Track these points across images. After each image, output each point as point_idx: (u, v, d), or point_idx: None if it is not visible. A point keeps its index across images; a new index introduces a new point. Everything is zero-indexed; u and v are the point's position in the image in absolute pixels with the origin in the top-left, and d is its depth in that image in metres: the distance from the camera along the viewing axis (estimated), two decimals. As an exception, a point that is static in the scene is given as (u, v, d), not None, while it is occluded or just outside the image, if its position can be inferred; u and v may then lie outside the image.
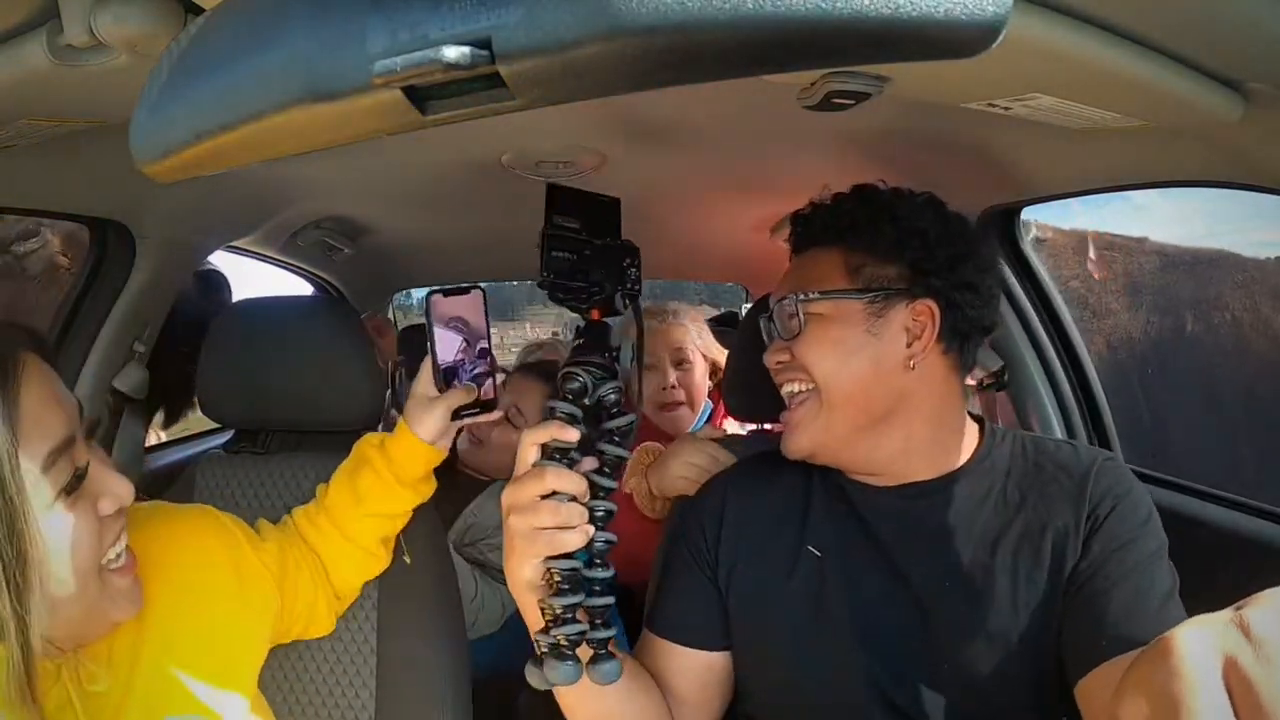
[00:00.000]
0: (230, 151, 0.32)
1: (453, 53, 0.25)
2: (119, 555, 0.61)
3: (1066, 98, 0.63)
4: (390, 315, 2.59)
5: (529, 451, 0.59)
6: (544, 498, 0.57)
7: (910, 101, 0.70)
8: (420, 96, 0.28)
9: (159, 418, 1.49)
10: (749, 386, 0.93)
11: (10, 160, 0.78)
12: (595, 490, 0.59)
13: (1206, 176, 0.77)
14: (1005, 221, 1.12)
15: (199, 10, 0.51)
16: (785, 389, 0.76)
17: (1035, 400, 1.18)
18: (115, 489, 0.60)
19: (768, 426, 1.11)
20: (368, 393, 0.97)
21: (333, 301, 0.90)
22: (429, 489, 0.85)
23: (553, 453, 0.58)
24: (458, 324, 0.79)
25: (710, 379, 1.62)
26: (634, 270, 0.66)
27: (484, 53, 0.25)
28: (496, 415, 0.83)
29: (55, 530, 0.56)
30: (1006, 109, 0.67)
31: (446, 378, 0.79)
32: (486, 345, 0.80)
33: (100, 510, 0.59)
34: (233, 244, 1.41)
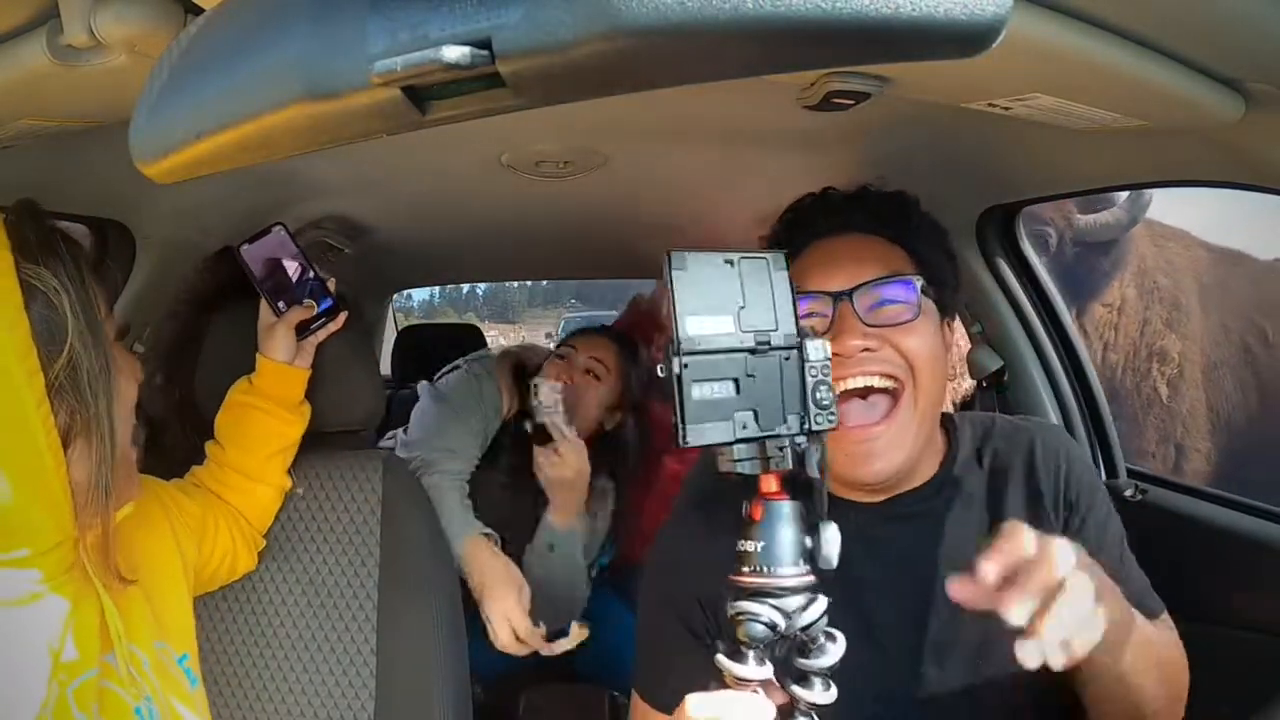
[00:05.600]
0: (230, 152, 0.32)
1: (453, 53, 0.25)
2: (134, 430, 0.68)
3: (1066, 98, 0.63)
4: (391, 315, 2.59)
5: None
6: None
7: (910, 101, 0.70)
8: (420, 96, 0.28)
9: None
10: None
11: (10, 160, 0.78)
12: None
13: (1206, 176, 0.77)
14: (1005, 221, 1.12)
15: (199, 10, 0.51)
16: (852, 383, 0.65)
17: (1035, 401, 1.18)
18: (134, 364, 0.68)
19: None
20: (368, 392, 0.97)
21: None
22: (308, 411, 0.91)
23: None
24: (274, 261, 0.90)
25: None
26: (825, 387, 0.45)
27: (484, 53, 0.25)
28: (342, 320, 0.91)
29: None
30: (1006, 109, 0.67)
31: (287, 306, 0.89)
32: (306, 267, 0.91)
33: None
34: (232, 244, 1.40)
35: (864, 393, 0.66)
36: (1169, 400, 2.31)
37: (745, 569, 0.42)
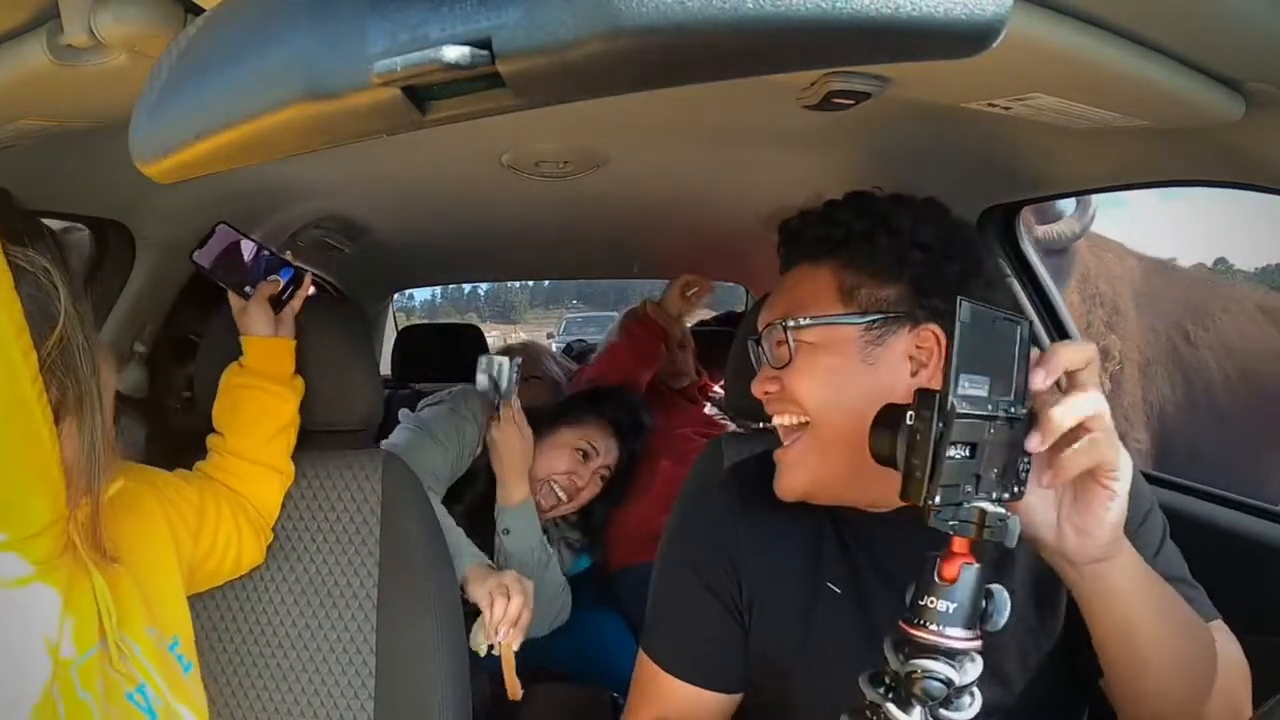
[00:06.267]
0: (230, 152, 0.32)
1: (453, 53, 0.25)
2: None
3: (1066, 98, 0.63)
4: (391, 315, 2.59)
5: None
6: None
7: (910, 101, 0.70)
8: (420, 96, 0.28)
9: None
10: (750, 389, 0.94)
11: (10, 160, 0.78)
12: None
13: (1206, 176, 0.77)
14: (1005, 221, 1.12)
15: (199, 10, 0.51)
16: (775, 421, 0.69)
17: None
18: (108, 349, 0.68)
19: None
20: (367, 392, 0.97)
21: (332, 301, 0.91)
22: (301, 385, 0.92)
23: None
24: (228, 256, 0.94)
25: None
26: (1027, 460, 0.48)
27: (484, 53, 0.25)
28: (308, 282, 0.94)
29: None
30: (1006, 109, 0.67)
31: (253, 288, 0.92)
32: (259, 250, 0.95)
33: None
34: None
35: (780, 428, 0.70)
36: (1111, 395, 2.56)
37: (929, 625, 0.43)
